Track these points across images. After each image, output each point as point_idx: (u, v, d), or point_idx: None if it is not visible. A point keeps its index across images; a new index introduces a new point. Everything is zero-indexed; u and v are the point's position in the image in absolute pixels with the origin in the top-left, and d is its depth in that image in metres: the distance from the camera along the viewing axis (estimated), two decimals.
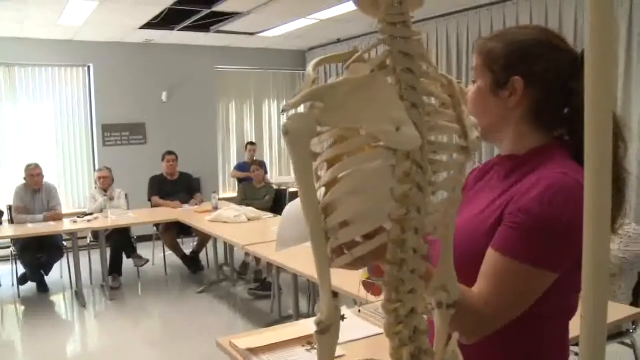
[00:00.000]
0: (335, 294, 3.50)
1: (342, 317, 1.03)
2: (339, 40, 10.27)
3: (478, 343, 1.33)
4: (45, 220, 7.24)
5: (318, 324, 1.00)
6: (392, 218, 0.97)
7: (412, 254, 0.98)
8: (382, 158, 0.95)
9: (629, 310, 3.49)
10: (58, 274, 7.92)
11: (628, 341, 4.04)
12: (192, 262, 8.34)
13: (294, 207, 1.20)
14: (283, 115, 0.91)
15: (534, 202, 1.31)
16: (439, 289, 1.10)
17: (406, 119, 0.93)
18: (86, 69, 10.13)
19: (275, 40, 10.39)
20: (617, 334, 3.97)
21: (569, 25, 6.81)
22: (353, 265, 1.06)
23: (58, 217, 7.37)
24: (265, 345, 2.64)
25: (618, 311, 3.43)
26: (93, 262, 7.97)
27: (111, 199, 7.96)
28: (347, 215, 0.97)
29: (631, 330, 4.01)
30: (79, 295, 7.05)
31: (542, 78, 1.43)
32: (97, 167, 9.19)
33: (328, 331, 1.00)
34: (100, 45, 9.92)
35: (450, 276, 1.12)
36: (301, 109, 0.93)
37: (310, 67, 1.04)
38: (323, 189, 0.99)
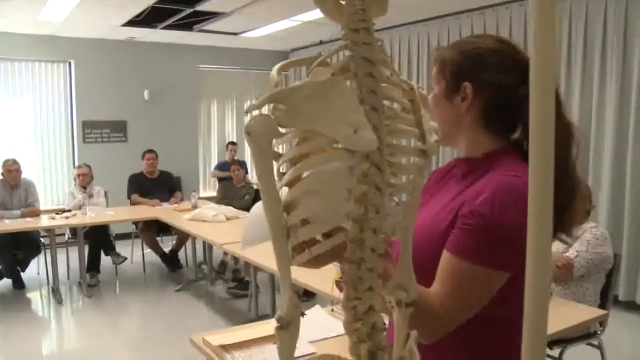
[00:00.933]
0: (311, 294, 3.56)
1: (302, 314, 1.06)
2: (321, 42, 10.29)
3: (439, 344, 1.36)
4: (23, 216, 7.18)
5: (278, 319, 1.02)
6: (351, 218, 1.00)
7: (370, 253, 1.01)
8: (342, 159, 0.98)
9: (596, 312, 3.57)
10: (35, 270, 7.87)
11: (595, 342, 4.12)
12: (171, 260, 8.33)
13: (260, 207, 1.23)
14: (246, 116, 0.94)
15: (485, 205, 1.35)
16: (398, 287, 1.12)
17: (364, 121, 0.96)
18: (67, 65, 10.06)
19: (258, 41, 10.38)
20: (585, 335, 4.05)
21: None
22: (313, 263, 1.10)
23: (35, 214, 7.33)
24: (238, 342, 2.67)
25: (585, 313, 3.51)
26: (71, 259, 7.95)
27: (90, 196, 7.92)
28: (306, 213, 1.00)
29: (598, 332, 4.09)
30: (55, 292, 7.02)
31: (491, 85, 1.48)
32: (76, 164, 9.13)
33: (288, 327, 1.03)
34: (82, 42, 9.87)
35: (409, 276, 1.14)
36: (265, 110, 0.96)
37: (274, 70, 1.07)
38: (285, 188, 1.02)
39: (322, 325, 2.88)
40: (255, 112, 0.97)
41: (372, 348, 1.02)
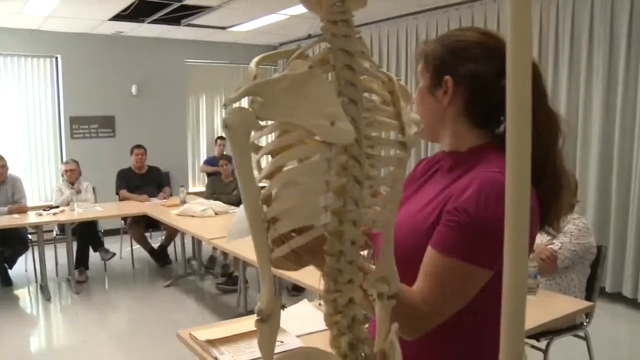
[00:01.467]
0: (300, 288, 3.57)
1: (283, 306, 1.06)
2: (309, 36, 10.27)
3: (419, 340, 1.37)
4: (10, 212, 7.15)
5: (258, 312, 1.03)
6: (330, 210, 1.00)
7: (350, 245, 1.01)
8: (320, 151, 0.99)
9: (581, 304, 3.59)
10: (22, 267, 7.85)
11: (582, 334, 4.15)
12: (160, 255, 8.32)
13: None
14: (224, 109, 0.94)
15: (469, 201, 1.35)
16: (379, 280, 1.13)
17: (341, 114, 0.96)
18: (54, 60, 10.01)
19: (245, 35, 10.36)
20: (572, 326, 4.08)
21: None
22: (293, 260, 1.10)
23: (23, 210, 7.29)
24: (225, 337, 2.67)
25: (571, 304, 3.53)
26: (59, 256, 7.93)
27: (78, 192, 7.90)
28: (285, 206, 1.00)
29: (584, 323, 4.12)
30: (44, 289, 7.00)
31: (471, 78, 1.47)
32: (64, 160, 9.07)
33: (268, 320, 1.03)
34: (69, 36, 9.81)
35: (391, 268, 1.14)
36: (245, 103, 0.96)
37: (253, 63, 1.07)
38: (265, 181, 1.03)
39: (309, 319, 2.89)
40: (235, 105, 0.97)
41: (352, 340, 1.02)
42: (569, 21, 6.67)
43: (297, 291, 6.26)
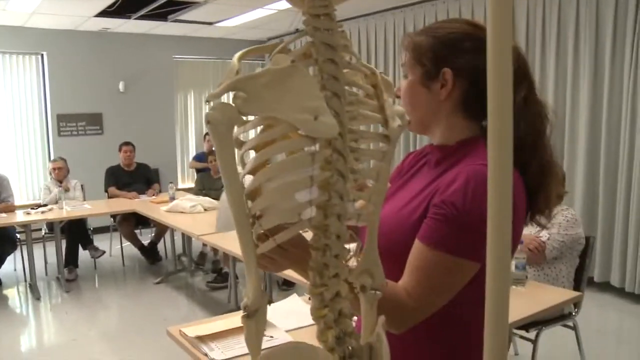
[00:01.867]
0: (291, 283, 3.58)
1: (269, 302, 1.06)
2: (297, 31, 10.27)
3: (405, 334, 1.37)
4: None
5: (244, 308, 1.03)
6: (315, 204, 1.00)
7: (335, 239, 1.02)
8: (303, 146, 0.99)
9: (570, 294, 3.63)
10: (11, 267, 7.81)
11: (570, 324, 4.21)
12: (150, 252, 8.31)
13: None
14: (207, 105, 0.94)
15: (456, 194, 1.35)
16: (364, 273, 1.13)
17: (324, 107, 0.96)
18: (39, 57, 9.93)
19: (233, 30, 10.34)
20: (560, 316, 4.13)
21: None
22: (278, 255, 1.11)
23: (10, 209, 7.24)
24: (215, 333, 2.67)
25: (560, 295, 3.57)
26: (48, 255, 7.90)
27: (66, 190, 7.86)
28: (269, 202, 1.00)
29: (573, 313, 4.17)
30: (33, 288, 6.97)
31: (470, 70, 1.46)
32: (51, 158, 9.01)
33: (255, 315, 1.03)
34: (54, 33, 9.73)
35: (375, 262, 1.14)
36: (228, 99, 0.97)
37: (235, 58, 1.07)
38: (249, 176, 1.03)
39: (299, 314, 2.89)
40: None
41: (339, 334, 1.02)
42: (556, 14, 6.71)
43: (288, 286, 6.27)
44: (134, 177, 8.60)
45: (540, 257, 4.05)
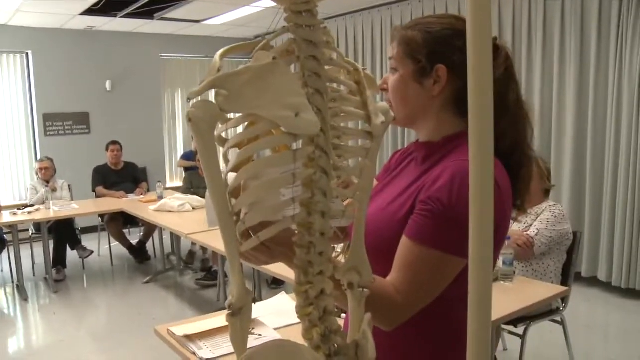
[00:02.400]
0: (280, 282, 3.57)
1: (254, 300, 1.06)
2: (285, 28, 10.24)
3: (393, 331, 1.37)
4: None
5: (229, 306, 1.02)
6: (298, 202, 1.00)
7: (320, 236, 1.02)
8: (285, 143, 0.99)
9: (557, 289, 3.67)
10: None
11: (558, 318, 4.25)
12: (139, 252, 8.30)
13: None
14: (188, 102, 0.94)
15: (442, 190, 1.36)
16: (351, 270, 1.13)
17: (305, 104, 0.96)
18: (24, 55, 9.85)
19: (220, 28, 10.31)
20: (548, 312, 4.15)
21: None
22: (262, 252, 1.11)
23: None
24: (203, 332, 2.67)
25: (547, 290, 3.61)
26: (35, 255, 7.89)
27: (53, 190, 7.84)
28: (252, 199, 1.00)
29: (561, 308, 4.20)
30: (20, 289, 6.94)
31: (463, 67, 1.46)
32: (38, 158, 8.99)
33: (239, 313, 1.03)
34: (39, 32, 9.65)
35: (362, 259, 1.14)
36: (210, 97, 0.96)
37: (217, 56, 1.06)
38: (232, 174, 1.02)
39: (287, 312, 2.89)
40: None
41: (324, 332, 1.02)
42: (541, 12, 6.78)
43: (277, 284, 6.27)
44: (122, 176, 8.58)
45: (528, 253, 4.08)
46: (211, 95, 0.96)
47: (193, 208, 6.79)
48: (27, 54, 9.85)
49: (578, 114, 6.51)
